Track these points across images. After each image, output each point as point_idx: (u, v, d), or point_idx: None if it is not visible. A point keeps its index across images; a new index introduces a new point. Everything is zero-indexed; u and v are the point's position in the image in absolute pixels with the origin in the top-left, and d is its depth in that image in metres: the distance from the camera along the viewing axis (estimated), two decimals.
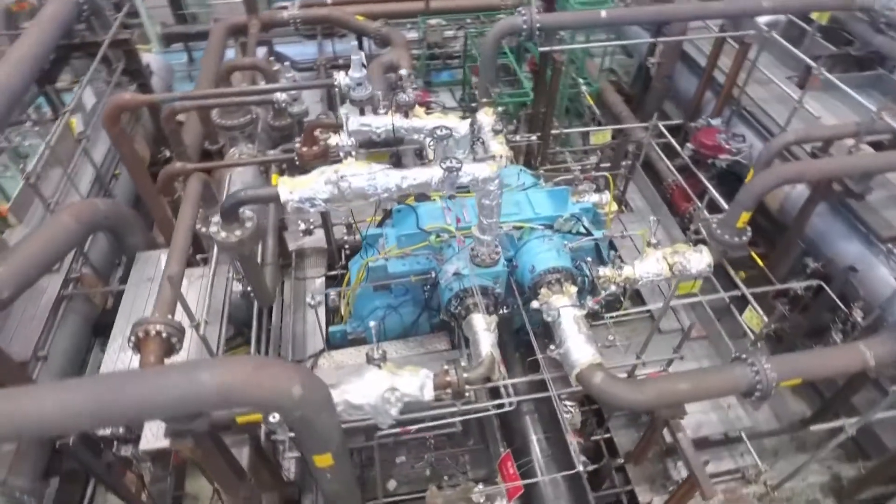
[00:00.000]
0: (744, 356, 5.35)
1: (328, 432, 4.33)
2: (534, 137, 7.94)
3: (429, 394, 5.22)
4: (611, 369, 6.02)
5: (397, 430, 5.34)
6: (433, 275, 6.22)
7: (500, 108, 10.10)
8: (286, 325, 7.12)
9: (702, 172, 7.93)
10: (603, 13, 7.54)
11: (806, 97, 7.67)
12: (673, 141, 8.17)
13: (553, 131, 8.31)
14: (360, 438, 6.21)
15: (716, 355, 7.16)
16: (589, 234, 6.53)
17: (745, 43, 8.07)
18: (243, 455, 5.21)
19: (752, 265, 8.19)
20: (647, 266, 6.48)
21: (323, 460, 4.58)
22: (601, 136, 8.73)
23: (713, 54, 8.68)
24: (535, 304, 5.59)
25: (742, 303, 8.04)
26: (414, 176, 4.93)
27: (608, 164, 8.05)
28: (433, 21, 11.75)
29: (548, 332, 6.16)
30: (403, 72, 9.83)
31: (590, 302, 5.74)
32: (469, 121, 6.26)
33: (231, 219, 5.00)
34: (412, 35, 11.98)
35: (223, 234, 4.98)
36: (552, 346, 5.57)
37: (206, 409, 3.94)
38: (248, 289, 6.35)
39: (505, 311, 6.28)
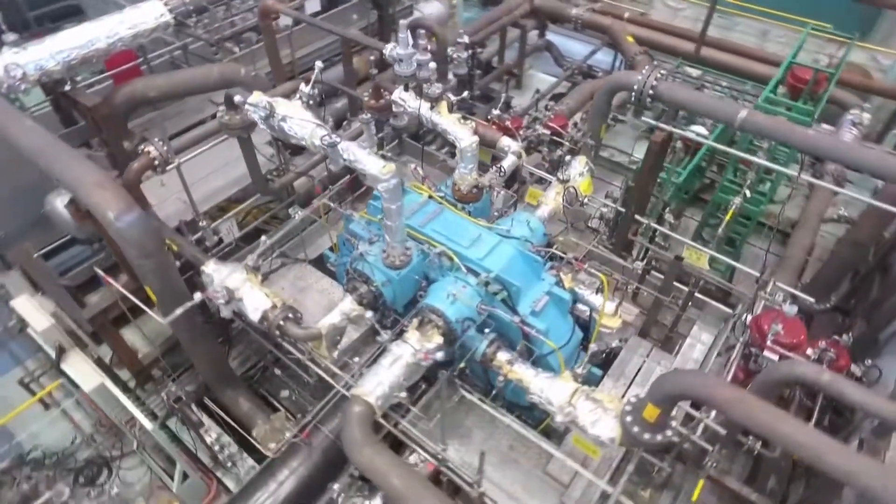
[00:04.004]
0: None
1: (141, 269, 5.54)
2: (604, 209, 6.88)
3: (255, 315, 5.95)
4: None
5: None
6: None
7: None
8: (309, 231, 8.41)
9: (752, 363, 5.78)
10: (742, 114, 5.79)
11: None
12: (773, 311, 6.05)
13: (638, 216, 6.97)
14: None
15: None
16: (513, 310, 5.80)
17: None
18: None
19: None
20: (548, 389, 5.52)
21: (149, 291, 5.86)
22: (695, 255, 6.87)
23: None
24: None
25: None
26: (323, 141, 5.41)
27: (660, 286, 6.47)
28: (689, 69, 10.41)
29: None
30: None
31: (421, 355, 5.35)
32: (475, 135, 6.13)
33: (230, 107, 6.36)
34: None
35: (220, 114, 6.41)
36: (357, 359, 5.52)
37: (69, 192, 5.58)
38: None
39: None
